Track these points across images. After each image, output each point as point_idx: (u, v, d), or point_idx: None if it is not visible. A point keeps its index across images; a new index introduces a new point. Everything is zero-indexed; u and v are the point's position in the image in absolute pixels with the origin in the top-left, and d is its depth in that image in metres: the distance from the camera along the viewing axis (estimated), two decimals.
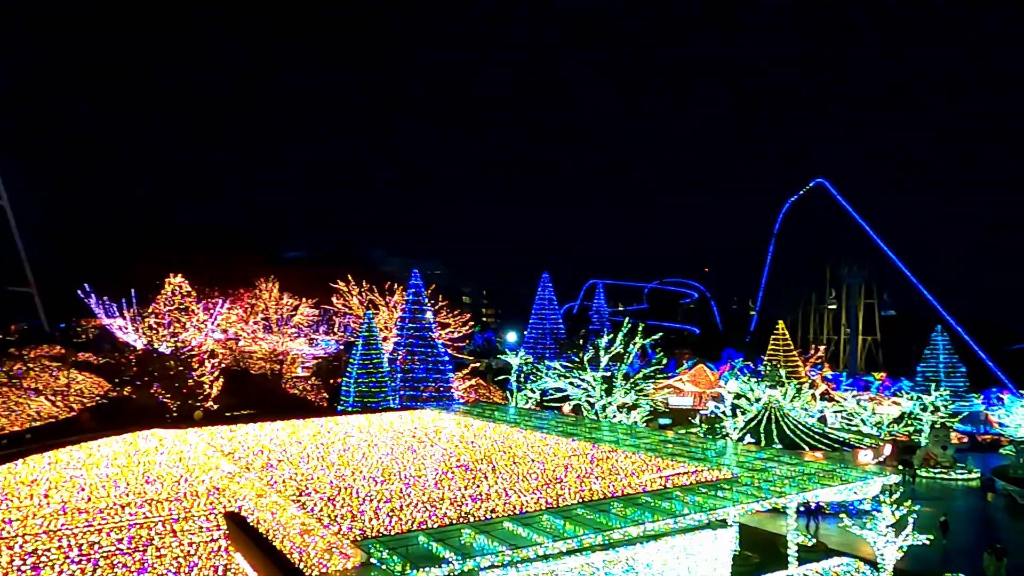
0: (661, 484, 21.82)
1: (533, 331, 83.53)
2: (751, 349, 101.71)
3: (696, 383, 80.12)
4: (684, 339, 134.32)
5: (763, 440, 40.53)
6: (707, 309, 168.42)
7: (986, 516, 38.07)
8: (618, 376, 47.94)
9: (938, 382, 69.41)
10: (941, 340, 79.07)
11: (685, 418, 55.39)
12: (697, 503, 19.88)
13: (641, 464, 25.04)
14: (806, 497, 22.22)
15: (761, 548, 29.00)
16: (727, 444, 33.26)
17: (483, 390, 63.61)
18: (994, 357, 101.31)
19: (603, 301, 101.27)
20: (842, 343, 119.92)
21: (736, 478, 22.93)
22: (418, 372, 52.75)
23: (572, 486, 21.47)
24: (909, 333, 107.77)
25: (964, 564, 27.70)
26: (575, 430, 34.01)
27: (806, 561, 24.08)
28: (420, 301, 55.26)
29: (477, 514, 18.42)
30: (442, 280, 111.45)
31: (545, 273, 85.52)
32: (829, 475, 23.85)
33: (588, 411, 48.40)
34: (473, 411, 42.16)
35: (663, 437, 33.34)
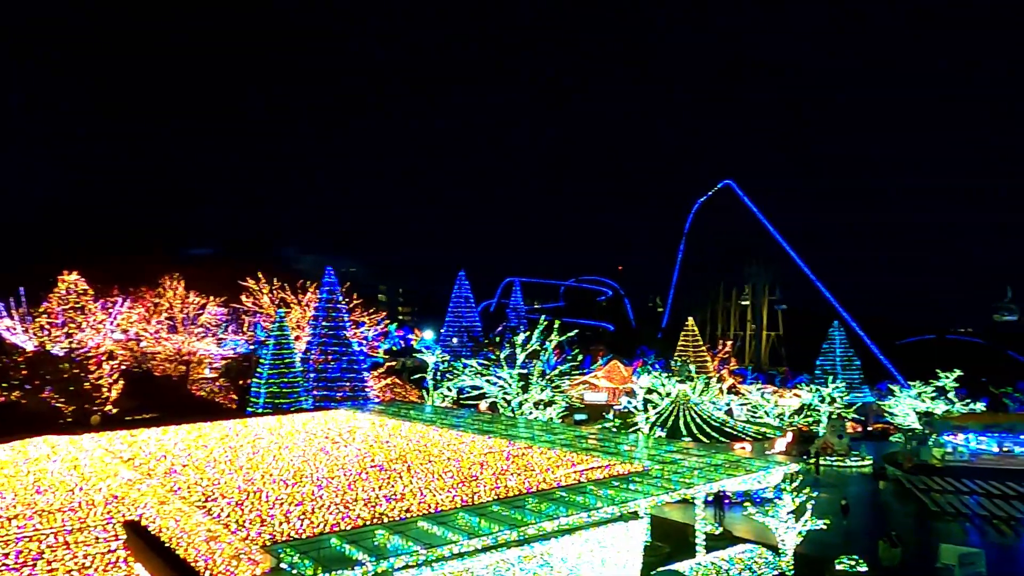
0: (575, 479, 22.13)
1: (450, 329, 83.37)
2: (663, 345, 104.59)
3: (610, 379, 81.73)
4: (599, 336, 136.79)
5: (673, 433, 41.81)
6: (621, 306, 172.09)
7: (879, 501, 40.42)
8: (534, 373, 48.36)
9: (835, 375, 73.26)
10: (838, 335, 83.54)
11: (600, 413, 56.38)
12: (610, 496, 20.27)
13: (556, 460, 25.34)
14: (713, 487, 22.99)
15: (671, 538, 29.89)
16: (639, 438, 34.09)
17: (399, 389, 63.01)
18: (886, 351, 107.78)
19: (520, 299, 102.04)
20: (748, 339, 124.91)
21: (647, 471, 23.51)
22: (332, 372, 51.75)
23: (488, 483, 21.51)
24: (809, 329, 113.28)
25: (860, 547, 29.35)
26: (491, 427, 34.11)
27: (713, 549, 24.95)
28: (334, 299, 54.20)
29: (391, 514, 18.22)
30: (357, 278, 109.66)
31: (461, 271, 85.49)
32: (734, 465, 24.77)
33: (505, 408, 48.64)
34: (388, 410, 41.68)
35: (578, 433, 33.85)
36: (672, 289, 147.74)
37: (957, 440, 53.07)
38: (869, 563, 26.68)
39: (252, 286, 61.82)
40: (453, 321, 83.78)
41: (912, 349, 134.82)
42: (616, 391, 78.74)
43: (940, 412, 60.38)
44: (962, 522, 35.91)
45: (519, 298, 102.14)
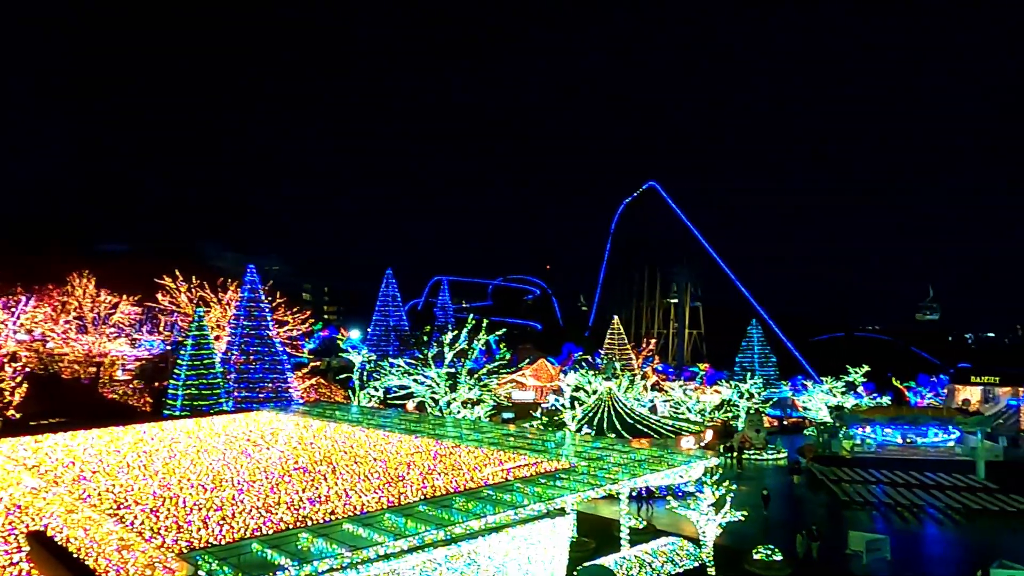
0: (503, 477, 22.20)
1: (377, 328, 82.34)
2: (589, 343, 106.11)
3: (538, 377, 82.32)
4: (527, 335, 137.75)
5: (600, 430, 42.43)
6: (549, 305, 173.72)
7: (794, 493, 42.01)
8: (462, 372, 48.28)
9: (753, 371, 75.87)
10: (756, 333, 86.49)
11: (527, 412, 56.75)
12: (537, 493, 20.43)
13: (484, 458, 25.35)
14: (637, 482, 23.46)
15: (597, 533, 30.35)
16: (566, 435, 34.45)
17: (324, 389, 61.85)
18: (800, 348, 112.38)
19: (448, 298, 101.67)
20: (671, 337, 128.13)
21: (574, 467, 23.79)
22: (254, 372, 50.37)
23: (414, 483, 21.34)
24: (729, 327, 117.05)
25: (777, 537, 30.49)
26: (419, 427, 33.86)
27: (637, 543, 25.46)
28: (256, 298, 52.75)
29: (315, 517, 17.86)
30: (281, 277, 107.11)
31: (389, 270, 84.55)
32: (657, 460, 25.33)
33: (432, 408, 48.37)
34: (313, 411, 40.84)
35: (506, 431, 33.96)
36: (598, 288, 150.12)
37: (865, 432, 55.74)
38: (785, 553, 27.72)
39: (169, 284, 59.51)
40: (380, 320, 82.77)
41: (824, 346, 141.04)
42: (544, 389, 79.36)
43: (849, 406, 63.36)
44: (869, 510, 37.74)
45: (447, 297, 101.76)
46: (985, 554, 28.21)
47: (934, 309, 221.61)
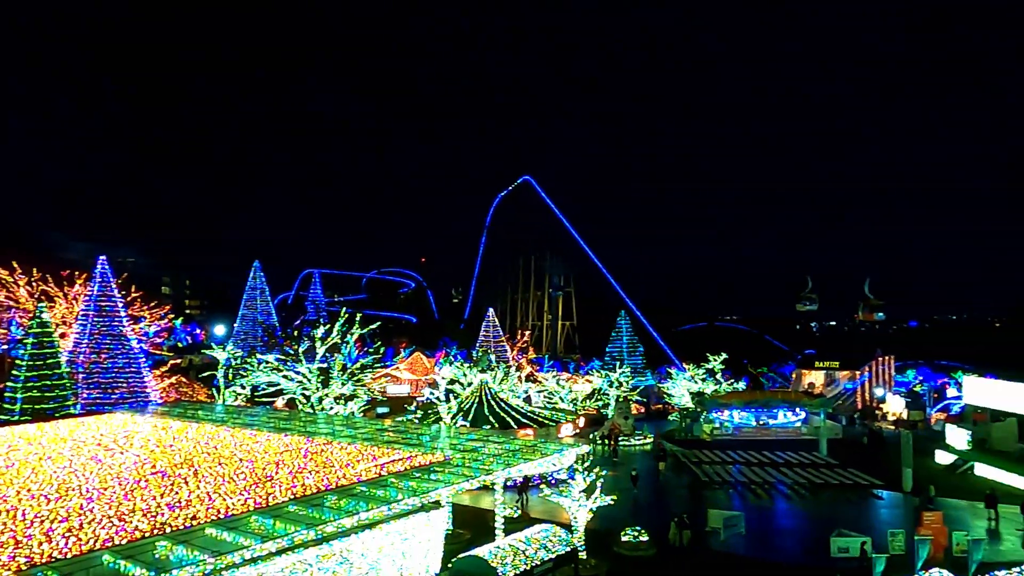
0: (376, 473, 21.86)
1: (244, 323, 78.93)
2: (465, 336, 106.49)
3: (413, 371, 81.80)
4: (402, 328, 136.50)
5: (475, 421, 42.70)
6: (424, 298, 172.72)
7: (660, 477, 43.92)
8: (335, 367, 47.09)
9: (622, 361, 78.77)
10: (624, 324, 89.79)
11: (402, 406, 56.26)
12: (411, 488, 20.26)
13: (357, 454, 24.87)
14: (511, 472, 23.78)
15: (472, 524, 30.57)
16: (441, 428, 34.42)
17: (185, 388, 58.52)
18: (665, 338, 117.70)
19: (320, 291, 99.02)
20: (545, 328, 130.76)
21: (449, 460, 23.79)
22: (106, 372, 46.93)
23: (284, 483, 20.61)
24: (600, 318, 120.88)
25: (644, 519, 31.87)
26: (288, 425, 32.75)
27: (512, 531, 25.81)
28: (109, 292, 49.13)
29: (175, 523, 16.87)
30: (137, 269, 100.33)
31: (256, 262, 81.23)
32: (531, 450, 25.79)
33: (304, 404, 46.90)
34: (173, 412, 38.57)
35: (380, 426, 33.49)
36: (473, 281, 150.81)
37: (723, 416, 59.24)
38: (651, 534, 29.03)
39: (5, 277, 54.22)
40: (247, 314, 79.35)
41: (687, 335, 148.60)
42: (419, 383, 78.97)
43: (709, 391, 67.10)
44: (727, 489, 40.18)
45: (319, 290, 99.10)
46: (827, 525, 30.74)
47: (813, 300, 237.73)
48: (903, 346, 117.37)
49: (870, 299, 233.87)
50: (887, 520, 33.48)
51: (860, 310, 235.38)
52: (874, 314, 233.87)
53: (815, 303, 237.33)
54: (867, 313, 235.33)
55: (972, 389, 50.62)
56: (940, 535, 28.49)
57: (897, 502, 37.39)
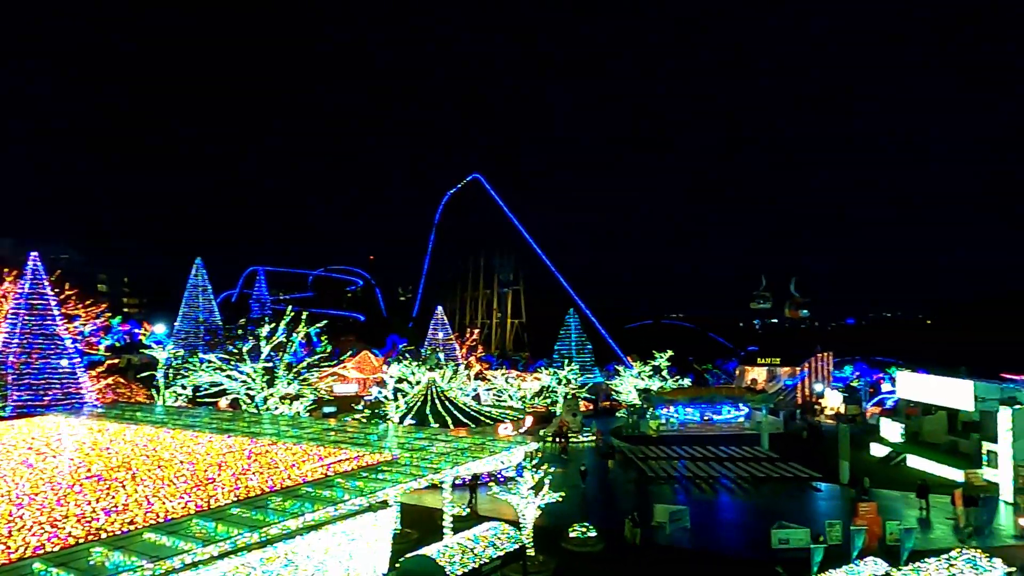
0: (323, 473, 21.54)
1: (185, 321, 76.97)
2: (414, 334, 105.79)
3: (361, 369, 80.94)
4: (350, 326, 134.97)
5: (424, 420, 42.45)
6: (372, 296, 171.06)
7: (608, 473, 44.35)
8: (280, 366, 46.25)
9: (570, 358, 79.38)
10: (573, 322, 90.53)
11: (350, 405, 55.58)
12: (358, 488, 20.01)
13: (302, 455, 24.46)
14: (459, 471, 23.71)
15: (421, 524, 30.43)
16: (389, 427, 34.14)
17: (123, 389, 56.70)
18: (613, 335, 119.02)
19: (265, 289, 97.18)
20: (494, 326, 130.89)
21: (396, 459, 23.59)
22: (37, 373, 45.18)
23: (226, 485, 20.14)
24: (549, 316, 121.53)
25: (593, 515, 32.20)
26: (232, 425, 32.02)
27: (460, 530, 25.75)
28: (41, 290, 47.27)
29: (111, 528, 16.32)
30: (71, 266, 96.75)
31: (199, 259, 79.22)
32: (479, 448, 25.75)
33: (248, 405, 45.94)
34: (110, 413, 37.32)
35: (326, 425, 33.02)
36: (422, 279, 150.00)
37: (669, 412, 60.21)
38: (600, 530, 29.33)
39: None
40: (189, 313, 77.41)
41: (634, 333, 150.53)
42: (367, 381, 78.19)
43: (656, 388, 68.16)
44: (672, 484, 40.87)
45: (264, 288, 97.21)
46: (768, 517, 31.51)
47: (766, 298, 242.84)
48: (841, 343, 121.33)
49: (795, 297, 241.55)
50: (825, 511, 34.50)
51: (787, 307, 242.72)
52: (799, 311, 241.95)
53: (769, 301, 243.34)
54: (793, 310, 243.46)
55: (905, 384, 52.56)
56: (875, 525, 29.49)
57: (835, 494, 38.55)
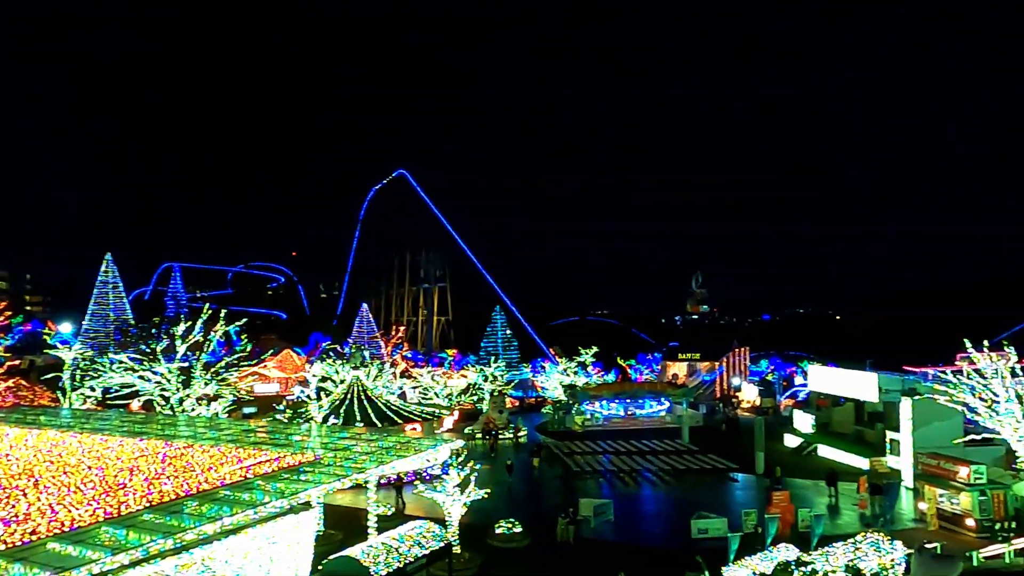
0: (242, 475, 20.91)
1: (94, 320, 73.42)
2: (338, 332, 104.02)
3: (283, 369, 79.10)
4: (271, 324, 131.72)
5: (348, 419, 41.81)
6: (295, 293, 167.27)
7: (534, 471, 44.54)
8: (197, 366, 44.67)
9: (496, 355, 79.63)
10: (500, 319, 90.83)
11: (271, 405, 54.21)
12: (280, 489, 19.52)
13: (220, 457, 23.67)
14: (384, 470, 23.43)
15: (345, 524, 29.94)
16: (312, 427, 33.46)
17: (26, 392, 53.59)
18: (540, 332, 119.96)
19: (180, 286, 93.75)
20: (420, 324, 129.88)
21: (319, 459, 23.12)
22: None
23: (138, 490, 19.30)
24: (476, 313, 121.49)
25: (519, 511, 32.36)
26: (145, 428, 30.70)
27: (385, 530, 25.48)
28: None
29: (12, 539, 15.40)
30: None
31: (108, 255, 75.65)
32: (405, 446, 25.50)
33: (163, 406, 44.19)
34: (10, 417, 35.20)
35: (246, 426, 32.05)
36: (347, 276, 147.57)
37: (594, 407, 61.13)
38: (526, 525, 29.51)
39: None
40: (98, 311, 73.85)
41: (560, 329, 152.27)
42: (289, 381, 76.47)
43: (581, 384, 69.09)
44: (597, 478, 41.50)
45: (179, 285, 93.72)
46: (688, 508, 32.41)
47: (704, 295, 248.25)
48: (757, 338, 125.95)
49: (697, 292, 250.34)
50: (742, 501, 35.73)
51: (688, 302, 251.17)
52: (700, 306, 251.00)
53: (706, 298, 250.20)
54: (694, 305, 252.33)
55: (816, 377, 54.97)
56: (787, 513, 30.72)
57: (751, 484, 39.97)
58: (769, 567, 21.65)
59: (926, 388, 37.93)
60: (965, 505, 29.61)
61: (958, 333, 36.49)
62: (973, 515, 29.17)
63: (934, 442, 35.75)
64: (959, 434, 36.25)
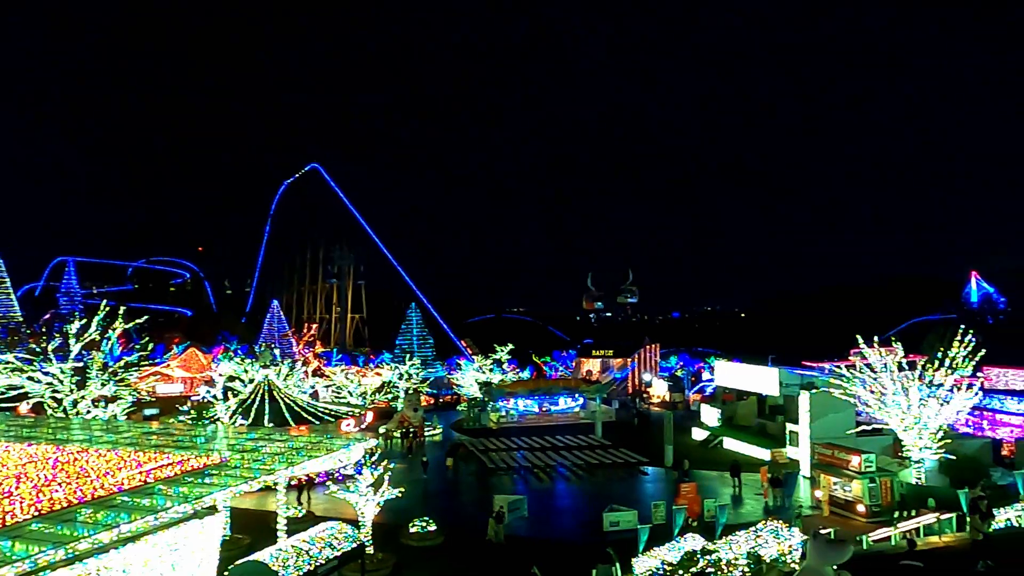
0: (142, 480, 19.97)
1: None
2: (247, 330, 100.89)
3: (187, 368, 76.11)
4: (175, 322, 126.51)
5: (257, 420, 40.55)
6: (201, 290, 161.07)
7: (449, 474, 44.29)
8: (93, 366, 42.38)
9: (411, 353, 78.97)
10: (415, 316, 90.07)
11: (174, 406, 52.01)
12: (183, 494, 18.74)
13: (118, 461, 22.52)
14: (295, 471, 22.87)
15: (253, 528, 29.06)
16: (218, 428, 32.31)
17: None
18: (455, 329, 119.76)
19: (75, 281, 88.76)
20: (333, 321, 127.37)
21: (226, 461, 22.33)
22: None
23: (26, 498, 18.12)
24: (390, 310, 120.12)
25: (434, 509, 32.22)
26: (34, 432, 28.88)
27: (295, 532, 24.88)
28: None
29: None
30: None
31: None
32: (316, 446, 24.95)
33: (55, 409, 41.71)
34: None
35: (147, 429, 30.63)
36: (257, 272, 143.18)
37: (509, 404, 61.49)
38: (440, 523, 29.40)
39: None
40: None
41: (476, 327, 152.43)
42: (194, 381, 73.63)
43: (496, 381, 69.37)
44: (511, 474, 41.78)
45: (74, 280, 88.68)
46: (600, 501, 33.04)
47: (633, 292, 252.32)
48: (667, 335, 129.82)
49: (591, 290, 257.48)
50: (651, 493, 36.72)
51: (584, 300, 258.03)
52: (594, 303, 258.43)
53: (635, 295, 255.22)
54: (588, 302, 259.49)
55: (722, 372, 57.07)
56: (694, 503, 31.78)
57: (660, 476, 41.13)
58: (676, 557, 22.31)
59: (823, 382, 39.99)
60: (856, 492, 31.37)
61: (852, 330, 38.68)
62: (864, 501, 30.93)
63: (829, 433, 37.67)
64: (852, 425, 38.41)
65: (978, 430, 43.29)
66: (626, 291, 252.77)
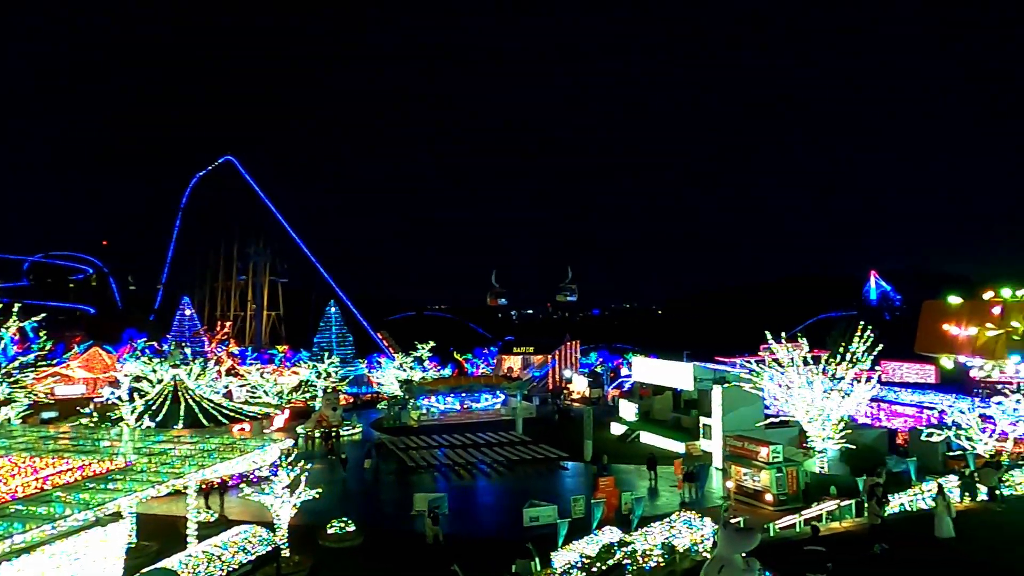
0: (38, 487, 18.90)
1: None
2: (155, 328, 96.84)
3: (90, 368, 72.50)
4: (77, 320, 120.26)
5: (166, 422, 38.95)
6: (105, 286, 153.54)
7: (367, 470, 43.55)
8: None
9: (331, 351, 77.46)
10: (334, 313, 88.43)
11: (75, 408, 49.35)
12: (83, 500, 17.83)
13: (11, 468, 21.21)
14: (206, 474, 22.09)
15: (162, 534, 27.91)
16: (123, 431, 30.84)
17: None
18: (376, 327, 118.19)
19: None
20: (248, 319, 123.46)
21: (131, 465, 21.38)
22: None
23: None
24: (309, 308, 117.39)
25: (353, 509, 31.73)
26: None
27: (207, 537, 24.05)
28: None
29: None
30: None
31: None
32: (229, 448, 24.17)
33: None
34: None
35: (44, 433, 28.97)
36: (166, 268, 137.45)
37: (430, 402, 61.20)
38: (359, 522, 28.97)
39: None
40: None
41: (397, 324, 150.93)
42: (97, 382, 70.17)
43: (417, 379, 68.89)
44: (432, 472, 41.56)
45: None
46: (521, 497, 33.26)
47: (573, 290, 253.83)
48: (587, 332, 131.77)
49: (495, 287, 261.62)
50: (571, 488, 37.20)
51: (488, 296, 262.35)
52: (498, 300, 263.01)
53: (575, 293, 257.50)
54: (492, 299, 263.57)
55: (639, 368, 58.40)
56: (612, 497, 32.41)
57: (580, 471, 41.73)
58: (594, 549, 22.71)
59: (734, 377, 41.45)
60: (764, 481, 32.68)
61: (762, 327, 40.25)
62: (771, 490, 32.26)
63: (740, 426, 39.10)
64: (760, 417, 40.00)
65: (875, 421, 45.78)
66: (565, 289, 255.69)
